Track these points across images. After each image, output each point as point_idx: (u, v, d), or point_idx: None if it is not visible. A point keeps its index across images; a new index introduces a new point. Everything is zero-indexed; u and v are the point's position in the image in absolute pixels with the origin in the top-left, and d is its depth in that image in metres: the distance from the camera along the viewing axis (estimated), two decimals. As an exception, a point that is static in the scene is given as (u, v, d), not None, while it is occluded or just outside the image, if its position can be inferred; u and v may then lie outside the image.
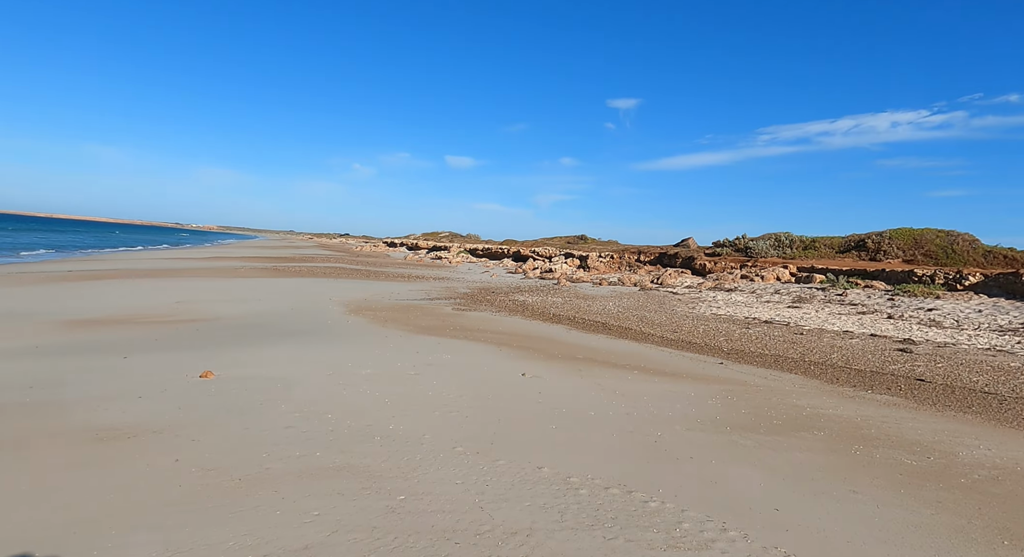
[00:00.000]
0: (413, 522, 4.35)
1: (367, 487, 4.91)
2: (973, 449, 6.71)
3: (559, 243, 56.45)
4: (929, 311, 20.78)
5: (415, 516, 4.45)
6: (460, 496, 4.82)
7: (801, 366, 11.19)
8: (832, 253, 33.82)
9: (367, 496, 4.75)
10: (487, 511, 4.57)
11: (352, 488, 4.88)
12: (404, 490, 4.88)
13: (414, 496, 4.78)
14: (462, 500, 4.75)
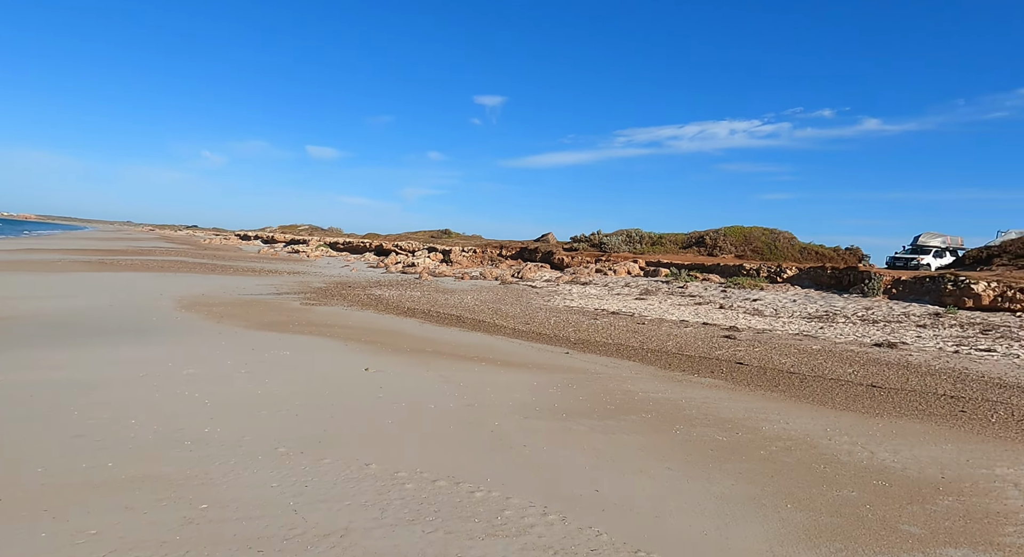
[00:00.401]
0: (212, 532, 3.94)
1: (164, 498, 4.39)
2: (774, 424, 7.44)
3: (423, 237, 55.92)
4: (754, 301, 23.09)
5: (216, 525, 4.04)
6: (273, 500, 4.46)
7: (639, 354, 11.87)
8: (676, 248, 36.58)
9: (162, 508, 4.24)
10: (301, 514, 4.26)
11: (145, 501, 4.34)
12: (209, 498, 4.43)
13: (219, 504, 4.35)
14: (275, 504, 4.40)
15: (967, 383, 10.26)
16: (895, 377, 10.54)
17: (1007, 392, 9.72)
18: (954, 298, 20.36)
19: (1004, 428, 7.75)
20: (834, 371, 10.88)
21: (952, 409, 8.62)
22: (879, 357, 12.36)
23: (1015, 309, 19.10)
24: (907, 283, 22.84)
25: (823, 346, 13.51)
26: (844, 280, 24.92)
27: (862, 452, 6.52)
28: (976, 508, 5.11)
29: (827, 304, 21.88)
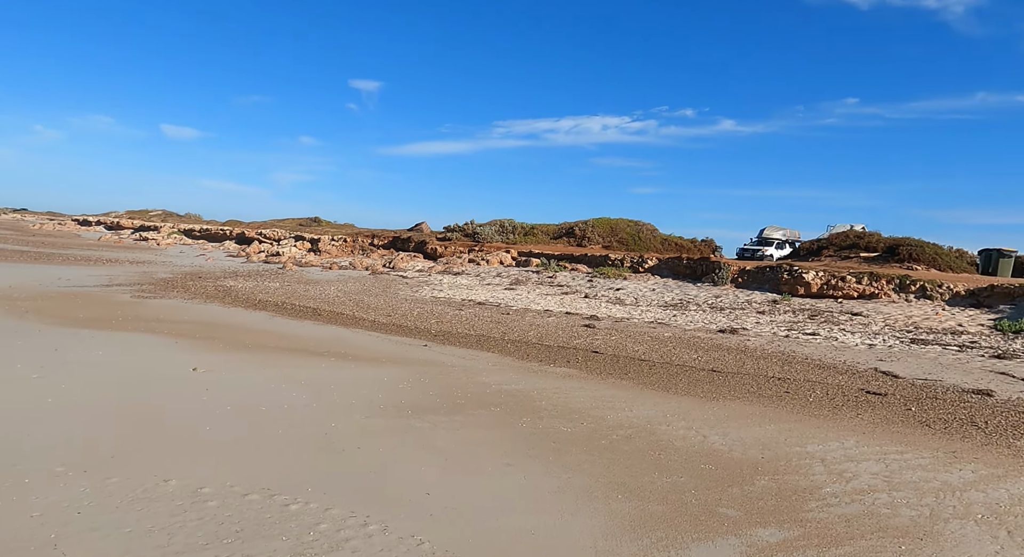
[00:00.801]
0: (-67, 584, 3.19)
1: None
2: (619, 412, 7.60)
3: (291, 225, 52.94)
4: (617, 290, 24.05)
5: (-58, 574, 3.28)
6: (29, 533, 3.73)
7: (500, 344, 11.80)
8: (548, 239, 37.38)
9: None
10: (61, 548, 3.59)
11: None
12: (-58, 538, 3.61)
13: (-46, 545, 3.56)
14: (30, 538, 3.68)
15: (793, 365, 11.20)
16: (733, 361, 11.28)
17: (825, 372, 10.71)
18: (789, 286, 22.42)
19: (819, 407, 8.47)
20: (681, 357, 11.44)
21: (779, 390, 9.32)
22: (722, 343, 13.22)
23: (837, 295, 21.38)
24: (751, 273, 24.85)
25: (674, 333, 14.24)
26: (698, 270, 26.66)
27: (696, 436, 6.78)
28: (787, 486, 5.43)
29: (682, 293, 23.26)
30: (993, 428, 7.75)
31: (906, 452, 6.65)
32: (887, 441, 7.01)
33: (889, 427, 7.64)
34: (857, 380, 10.21)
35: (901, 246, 28.51)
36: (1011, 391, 9.68)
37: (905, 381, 10.23)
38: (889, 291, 20.95)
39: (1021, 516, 5.04)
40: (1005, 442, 7.20)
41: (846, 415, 8.13)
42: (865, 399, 9.01)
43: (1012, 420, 8.12)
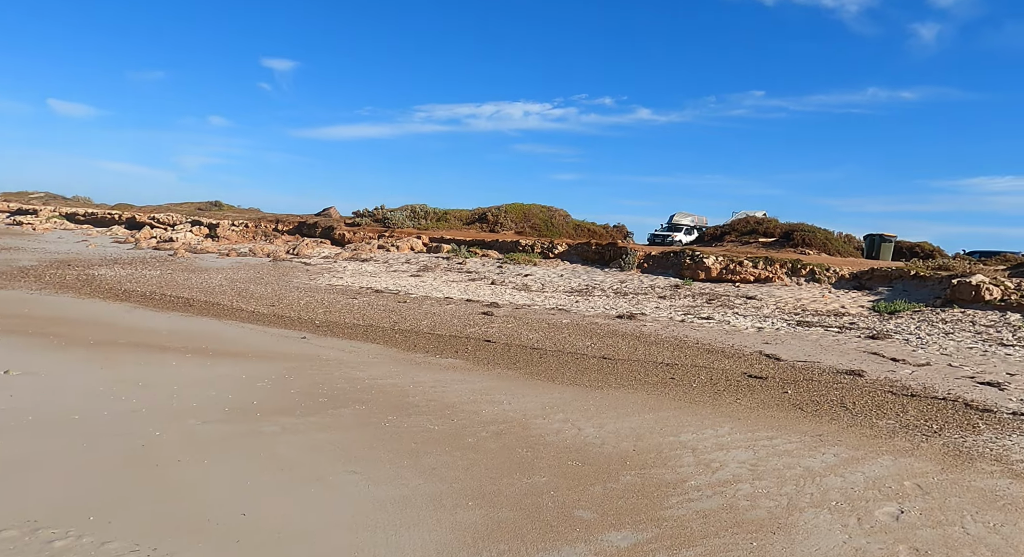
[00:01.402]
0: None
1: None
2: (498, 405, 7.21)
3: (189, 209, 49.51)
4: (525, 276, 23.84)
5: None
6: None
7: (387, 335, 11.18)
8: (461, 225, 36.76)
9: None
10: None
11: None
12: None
13: None
14: None
15: (684, 350, 11.24)
16: (626, 348, 11.19)
17: (713, 356, 10.80)
18: (691, 271, 22.95)
19: (701, 393, 8.43)
20: (575, 345, 11.24)
21: (665, 377, 9.25)
22: (618, 328, 13.17)
23: (735, 280, 22.07)
24: (656, 258, 25.30)
25: (573, 320, 14.09)
26: (606, 255, 26.90)
27: (571, 429, 6.49)
28: (652, 481, 5.20)
29: (589, 278, 23.34)
30: (860, 409, 7.94)
31: (776, 437, 6.64)
32: (760, 427, 6.99)
33: (764, 411, 7.66)
34: (742, 364, 10.34)
35: (796, 232, 29.92)
36: (880, 371, 10.07)
37: (786, 364, 10.46)
38: (782, 275, 21.83)
39: (872, 501, 5.03)
40: (868, 422, 7.36)
41: (726, 400, 8.12)
42: (747, 383, 9.09)
43: (877, 400, 8.37)
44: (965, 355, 11.33)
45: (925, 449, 6.47)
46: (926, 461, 6.10)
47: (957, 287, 16.98)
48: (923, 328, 14.23)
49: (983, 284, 16.56)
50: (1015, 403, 8.35)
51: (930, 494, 5.23)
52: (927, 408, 8.05)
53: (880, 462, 6.02)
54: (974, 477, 5.70)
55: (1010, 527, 4.64)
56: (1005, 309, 15.61)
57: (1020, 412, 7.93)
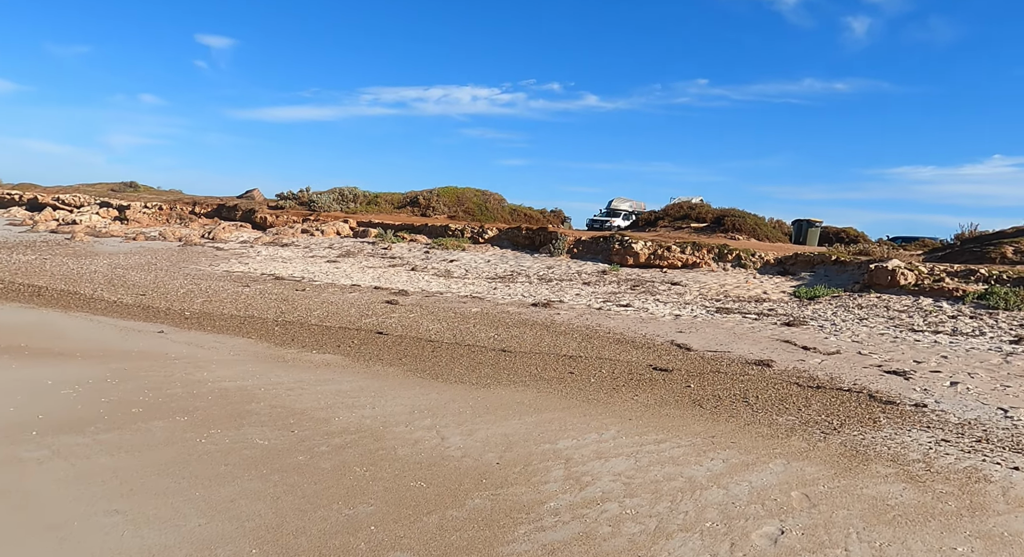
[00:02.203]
0: None
1: None
2: (357, 410, 6.29)
3: (102, 190, 46.11)
4: (451, 262, 22.87)
5: None
6: None
7: (266, 327, 10.07)
8: (391, 209, 35.38)
9: None
10: None
11: None
12: None
13: None
14: None
15: (592, 341, 10.57)
16: (531, 339, 10.44)
17: (621, 347, 10.16)
18: (619, 257, 22.48)
19: (598, 389, 7.73)
20: (476, 336, 10.41)
21: (563, 371, 8.53)
22: (529, 317, 12.41)
23: (663, 265, 21.73)
24: (586, 243, 24.75)
25: (483, 308, 13.25)
26: (537, 240, 26.19)
27: (433, 439, 5.63)
28: (504, 504, 4.40)
29: (517, 264, 22.58)
30: (762, 403, 7.41)
31: (665, 441, 5.97)
32: (651, 428, 6.32)
33: (661, 410, 7.02)
34: (650, 355, 9.73)
35: (727, 217, 29.97)
36: (790, 360, 9.64)
37: (696, 354, 9.92)
38: (709, 260, 21.61)
39: (752, 519, 4.38)
40: (767, 420, 6.81)
41: (623, 397, 7.45)
42: (649, 377, 8.46)
43: (782, 392, 7.87)
44: (876, 342, 11.09)
45: (821, 449, 5.93)
46: (820, 464, 5.54)
47: (874, 272, 17.01)
48: (839, 314, 14.07)
49: (899, 269, 16.61)
50: (918, 393, 8.00)
51: (817, 507, 4.63)
52: (831, 401, 7.59)
53: (771, 468, 5.42)
54: (867, 483, 5.16)
55: (897, 547, 4.06)
56: (919, 294, 15.67)
57: (922, 403, 7.56)
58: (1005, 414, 7.23)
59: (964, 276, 15.97)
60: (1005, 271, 15.84)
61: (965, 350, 10.48)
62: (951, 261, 19.10)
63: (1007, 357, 9.96)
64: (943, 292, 15.23)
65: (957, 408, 7.43)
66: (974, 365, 9.46)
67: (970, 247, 20.16)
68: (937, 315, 13.55)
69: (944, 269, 16.63)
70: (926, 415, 7.17)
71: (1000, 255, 18.09)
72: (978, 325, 12.58)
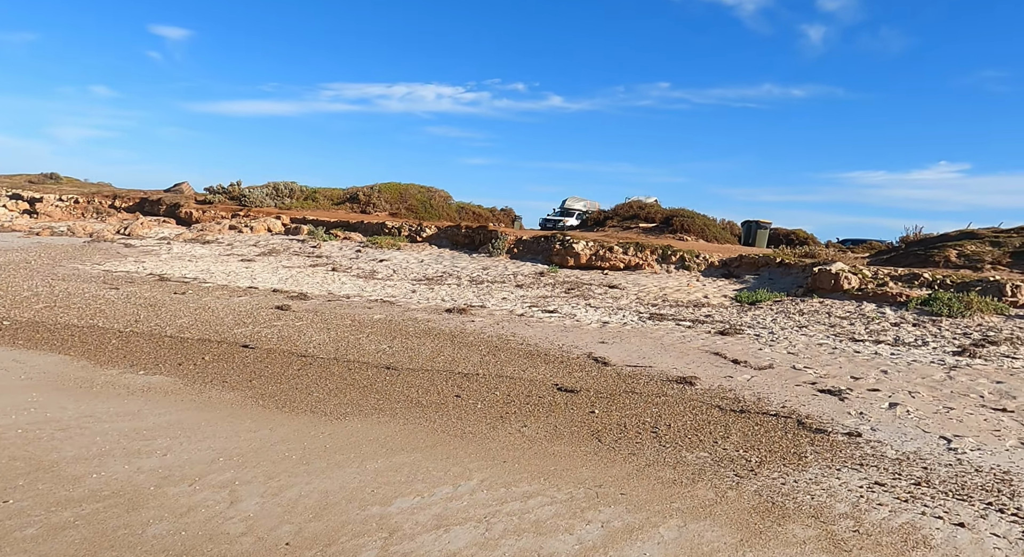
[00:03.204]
0: None
1: None
2: (134, 459, 4.82)
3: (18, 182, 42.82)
4: (380, 262, 21.33)
5: None
6: None
7: (101, 340, 8.46)
8: (330, 205, 33.56)
9: None
10: None
11: None
12: None
13: None
14: None
15: (499, 354, 9.27)
16: (428, 352, 9.08)
17: (529, 362, 8.89)
18: (560, 257, 21.31)
19: (481, 417, 6.43)
20: (364, 349, 9.00)
21: (450, 393, 7.20)
22: (437, 326, 11.05)
23: (604, 267, 20.64)
24: (528, 243, 23.51)
25: (390, 315, 11.83)
26: (476, 239, 24.86)
27: (219, 504, 4.23)
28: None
29: (451, 264, 21.20)
30: (673, 434, 6.22)
31: (536, 495, 4.69)
32: (525, 475, 5.04)
33: (548, 446, 5.74)
34: (560, 371, 8.48)
35: (675, 217, 29.16)
36: (716, 376, 8.51)
37: (613, 370, 8.71)
38: (652, 262, 20.62)
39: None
40: (674, 457, 5.60)
41: (507, 429, 6.16)
42: (551, 400, 7.19)
43: (699, 419, 6.69)
44: (813, 353, 10.10)
45: (731, 502, 4.74)
46: (724, 526, 4.34)
47: (818, 276, 16.19)
48: (779, 321, 13.12)
49: (842, 272, 15.82)
50: (853, 418, 6.93)
51: (706, 604, 3.40)
52: (754, 430, 6.44)
53: (661, 534, 4.19)
54: (780, 554, 3.97)
55: None
56: (862, 299, 14.89)
57: (856, 432, 6.48)
58: (948, 445, 6.20)
59: (908, 280, 15.26)
60: (948, 276, 15.18)
61: (907, 363, 9.55)
62: (896, 264, 18.50)
63: (950, 372, 9.06)
64: (886, 297, 14.47)
65: (895, 437, 6.37)
66: (915, 382, 8.50)
67: (915, 250, 19.64)
68: (880, 322, 12.72)
69: (888, 273, 15.92)
70: (860, 448, 6.08)
71: (944, 259, 17.53)
72: (921, 334, 11.76)
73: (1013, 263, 16.27)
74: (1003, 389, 8.21)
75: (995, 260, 16.44)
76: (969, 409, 7.35)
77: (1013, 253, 16.69)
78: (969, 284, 14.33)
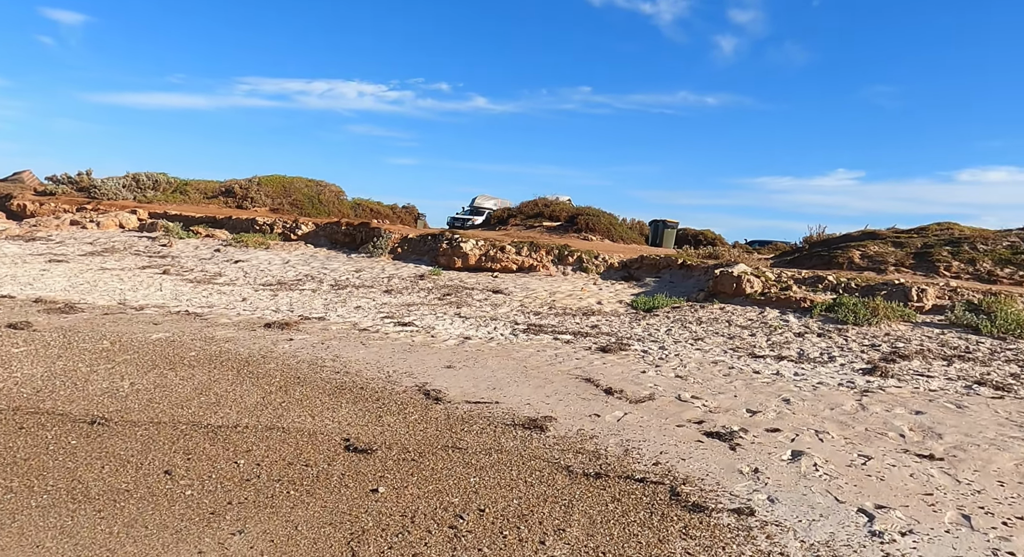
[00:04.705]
0: None
1: None
2: None
3: None
4: (236, 263, 18.29)
5: None
6: None
7: None
8: (201, 198, 29.80)
9: None
10: None
11: None
12: None
13: None
14: None
15: (290, 390, 6.83)
16: (187, 393, 6.52)
17: (328, 402, 6.50)
18: (447, 258, 19.03)
19: (183, 510, 3.98)
20: (86, 391, 6.33)
21: (165, 465, 4.72)
22: (235, 348, 8.44)
23: (495, 268, 18.53)
24: (414, 242, 21.08)
25: (178, 333, 9.09)
26: (358, 238, 22.19)
27: None
28: None
29: (321, 266, 18.45)
30: (479, 532, 4.01)
31: None
32: None
33: None
34: (365, 416, 6.14)
35: (580, 216, 27.55)
36: (579, 415, 6.43)
37: (443, 410, 6.46)
38: (548, 263, 18.68)
39: None
40: (458, 593, 3.38)
41: (220, 526, 3.75)
42: (321, 471, 4.84)
43: (532, 496, 4.53)
44: (706, 375, 8.27)
45: None
46: None
47: (720, 278, 14.67)
48: (674, 331, 11.34)
49: (745, 275, 14.34)
50: (745, 481, 4.98)
51: None
52: (606, 512, 4.36)
53: None
54: None
55: None
56: (764, 304, 13.43)
57: (748, 509, 4.51)
58: (870, 526, 4.33)
59: (812, 283, 13.95)
60: (853, 278, 14.00)
61: (812, 387, 7.87)
62: (800, 265, 17.39)
63: (862, 398, 7.41)
64: (790, 303, 13.06)
65: (800, 514, 4.45)
66: (823, 414, 6.75)
67: (818, 251, 18.67)
68: (783, 332, 11.17)
69: (792, 275, 14.60)
70: (752, 539, 4.09)
71: (848, 260, 16.51)
72: (827, 347, 10.25)
73: (916, 264, 15.38)
74: (924, 422, 6.59)
75: (898, 261, 15.51)
76: (890, 457, 5.60)
77: (915, 254, 15.84)
78: (874, 287, 13.14)
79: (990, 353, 9.88)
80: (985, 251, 15.36)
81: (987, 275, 14.53)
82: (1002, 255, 15.02)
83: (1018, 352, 9.92)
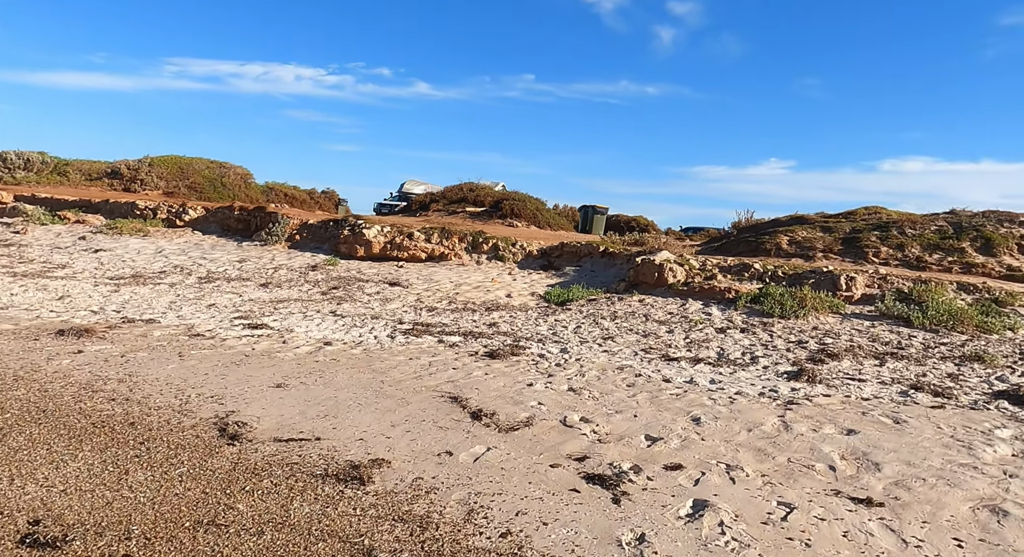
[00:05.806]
0: None
1: None
2: None
3: None
4: (95, 252, 15.79)
5: None
6: None
7: None
8: (82, 179, 26.57)
9: None
10: None
11: None
12: None
13: None
14: None
15: (16, 431, 4.89)
16: None
17: (63, 451, 4.61)
18: (348, 246, 17.07)
19: None
20: None
21: None
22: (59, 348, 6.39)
23: (402, 257, 16.71)
24: (314, 228, 18.98)
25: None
26: (252, 224, 19.89)
27: None
28: None
29: (200, 255, 16.15)
30: None
31: None
32: None
33: None
34: (107, 468, 4.32)
35: (505, 201, 25.93)
36: (423, 455, 4.79)
37: (234, 452, 4.70)
38: (460, 251, 16.98)
39: None
40: None
41: None
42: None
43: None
44: (608, 386, 6.78)
45: None
46: None
47: (641, 268, 13.34)
48: (583, 329, 9.87)
49: (667, 263, 13.03)
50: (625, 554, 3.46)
51: None
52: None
53: None
54: None
55: None
56: (687, 295, 12.15)
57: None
58: (791, 641, 2.85)
59: (738, 272, 12.77)
60: (781, 266, 12.90)
61: (729, 399, 6.50)
62: (727, 252, 16.31)
63: (785, 412, 6.09)
64: (714, 293, 11.82)
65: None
66: (738, 440, 5.35)
67: (746, 236, 17.68)
68: (703, 328, 9.87)
69: (717, 263, 13.39)
70: None
71: (775, 246, 15.50)
72: (750, 344, 8.98)
73: (844, 250, 14.48)
74: (859, 447, 5.29)
75: (827, 247, 14.58)
76: (818, 505, 4.20)
77: (844, 239, 14.95)
78: (802, 276, 12.05)
79: (924, 348, 8.85)
80: (913, 236, 14.63)
81: (916, 261, 13.77)
82: (930, 240, 14.31)
83: (952, 347, 8.94)
